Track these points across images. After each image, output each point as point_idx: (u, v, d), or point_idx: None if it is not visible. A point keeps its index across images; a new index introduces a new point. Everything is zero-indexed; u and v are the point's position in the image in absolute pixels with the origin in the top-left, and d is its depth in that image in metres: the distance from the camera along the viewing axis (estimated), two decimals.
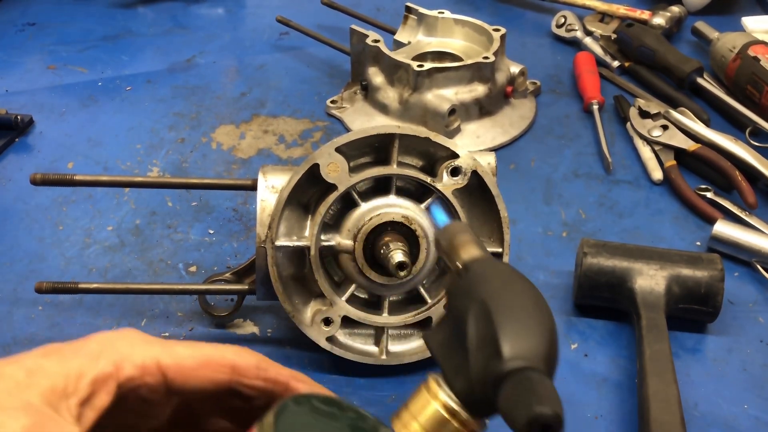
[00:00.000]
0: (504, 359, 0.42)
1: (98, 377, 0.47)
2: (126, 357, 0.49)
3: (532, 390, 0.41)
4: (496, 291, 0.45)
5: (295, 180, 0.75)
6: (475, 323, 0.44)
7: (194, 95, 1.26)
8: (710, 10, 1.43)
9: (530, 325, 0.43)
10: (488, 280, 0.46)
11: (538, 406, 0.40)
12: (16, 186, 1.07)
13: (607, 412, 0.78)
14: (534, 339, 0.43)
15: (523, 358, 0.42)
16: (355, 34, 1.18)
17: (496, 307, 0.43)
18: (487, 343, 0.43)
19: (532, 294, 0.46)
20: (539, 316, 0.44)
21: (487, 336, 0.43)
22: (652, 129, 1.11)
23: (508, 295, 0.45)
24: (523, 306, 0.44)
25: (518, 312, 0.44)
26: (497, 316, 0.43)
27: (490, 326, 0.43)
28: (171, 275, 0.93)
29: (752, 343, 0.85)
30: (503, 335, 0.42)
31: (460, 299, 0.46)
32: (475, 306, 0.44)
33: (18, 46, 1.40)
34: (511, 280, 0.46)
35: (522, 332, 0.43)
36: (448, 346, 0.46)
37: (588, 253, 0.85)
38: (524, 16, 1.49)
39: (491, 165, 0.80)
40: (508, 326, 0.42)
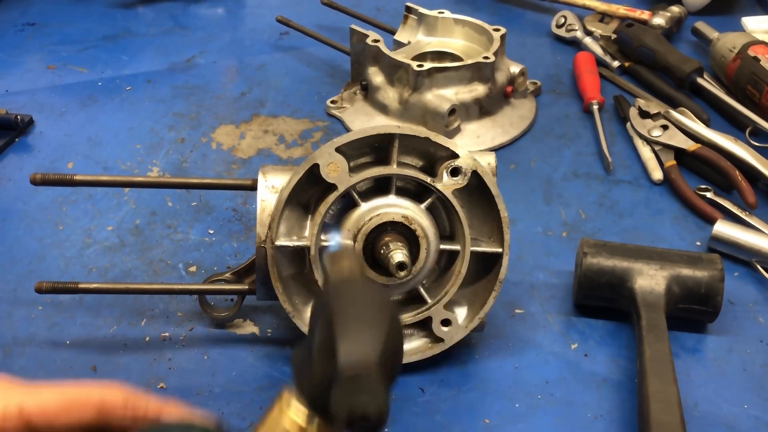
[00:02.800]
0: (339, 361, 0.45)
1: None
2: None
3: (358, 387, 0.44)
4: (343, 301, 0.49)
5: (295, 180, 0.75)
6: (319, 332, 0.48)
7: (194, 95, 1.25)
8: (710, 10, 1.43)
9: (367, 330, 0.47)
10: (339, 292, 0.50)
11: (360, 404, 0.43)
12: (16, 186, 1.07)
13: (607, 412, 0.78)
14: (369, 343, 0.46)
15: (355, 359, 0.45)
16: (355, 34, 1.18)
17: (338, 314, 0.47)
18: (328, 347, 0.46)
19: (378, 304, 0.50)
20: (378, 323, 0.48)
21: (329, 341, 0.46)
22: (652, 129, 1.11)
23: (353, 305, 0.48)
24: (363, 314, 0.48)
25: (357, 319, 0.47)
26: (337, 322, 0.46)
27: (330, 333, 0.46)
28: (171, 275, 0.93)
29: (752, 343, 0.85)
30: (340, 339, 0.46)
31: (315, 314, 0.50)
32: (323, 315, 0.48)
33: (18, 46, 1.39)
34: (360, 292, 0.51)
35: (358, 337, 0.46)
36: (302, 356, 0.49)
37: (588, 253, 0.85)
38: (524, 16, 1.49)
39: (491, 165, 0.80)
40: (345, 331, 0.46)
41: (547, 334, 0.86)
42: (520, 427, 0.76)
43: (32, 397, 0.51)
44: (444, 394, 0.80)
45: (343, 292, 0.50)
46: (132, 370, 0.82)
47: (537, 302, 0.90)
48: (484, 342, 0.85)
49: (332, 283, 0.52)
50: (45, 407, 0.51)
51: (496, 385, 0.80)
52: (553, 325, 0.87)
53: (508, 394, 0.80)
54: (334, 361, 0.45)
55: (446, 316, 0.80)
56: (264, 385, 0.80)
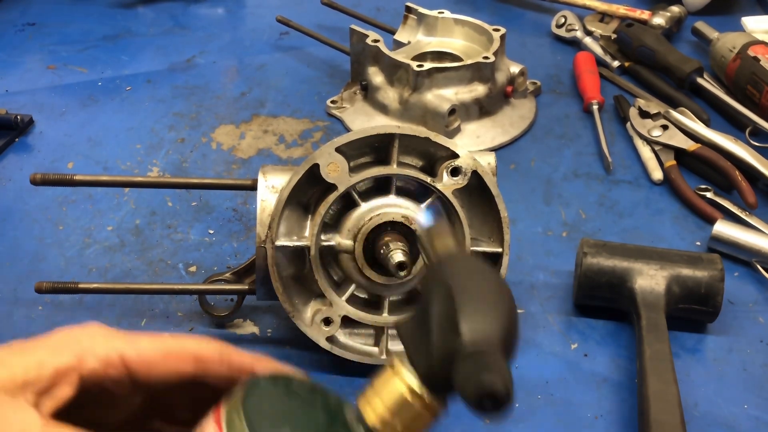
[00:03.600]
0: (462, 337, 0.44)
1: (59, 369, 0.49)
2: (88, 350, 0.50)
3: (485, 366, 0.43)
4: (461, 277, 0.48)
5: (295, 180, 0.75)
6: (438, 305, 0.47)
7: (194, 95, 1.26)
8: (710, 10, 1.43)
9: (489, 307, 0.46)
10: (455, 268, 0.49)
11: (489, 381, 0.42)
12: (16, 186, 1.07)
13: (607, 412, 0.78)
14: (492, 320, 0.45)
15: (480, 336, 0.44)
16: (355, 34, 1.18)
17: (459, 290, 0.46)
18: (448, 323, 0.45)
19: (495, 282, 0.49)
20: (499, 301, 0.47)
21: (449, 316, 0.45)
22: (652, 129, 1.11)
23: (472, 281, 0.47)
24: (484, 291, 0.47)
25: (479, 296, 0.46)
26: (459, 298, 0.45)
27: (452, 307, 0.45)
28: (171, 275, 0.93)
29: (752, 343, 0.85)
30: (463, 315, 0.45)
31: (429, 286, 0.49)
32: (440, 290, 0.47)
33: (18, 46, 1.40)
34: (476, 269, 0.49)
35: (481, 313, 0.45)
36: (415, 330, 0.48)
37: (588, 253, 0.85)
38: (524, 16, 1.49)
39: (491, 165, 0.80)
40: (468, 307, 0.45)
41: (547, 334, 0.86)
42: (520, 427, 0.76)
43: (132, 345, 0.52)
44: None
45: (458, 267, 0.49)
46: None
47: (537, 302, 0.90)
48: None
49: (445, 257, 0.51)
50: (145, 355, 0.52)
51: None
52: (553, 325, 0.87)
53: None
54: (456, 336, 0.44)
55: None
56: None
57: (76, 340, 0.51)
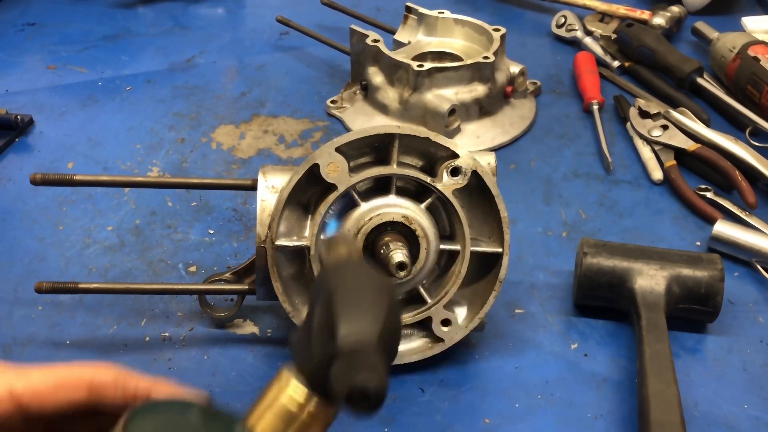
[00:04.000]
0: (338, 339, 0.46)
1: None
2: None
3: (358, 365, 0.44)
4: (342, 283, 0.49)
5: (295, 180, 0.75)
6: (319, 311, 0.48)
7: (194, 95, 1.26)
8: (710, 10, 1.43)
9: (367, 311, 0.48)
10: (339, 275, 0.51)
11: (360, 379, 0.43)
12: (16, 186, 1.07)
13: (607, 412, 0.78)
14: (368, 323, 0.47)
15: (355, 338, 0.46)
16: (355, 34, 1.18)
17: (338, 296, 0.48)
18: (327, 328, 0.47)
19: (376, 286, 0.50)
20: (378, 303, 0.48)
21: (328, 321, 0.47)
22: (652, 129, 1.11)
23: (352, 286, 0.49)
24: (362, 295, 0.49)
25: (356, 300, 0.48)
26: (336, 303, 0.47)
27: (330, 312, 0.47)
28: (171, 275, 0.93)
29: (752, 343, 0.85)
30: (339, 319, 0.46)
31: (314, 294, 0.51)
32: (322, 297, 0.49)
33: (18, 46, 1.40)
34: (359, 274, 0.51)
35: (357, 316, 0.47)
36: (302, 338, 0.50)
37: (588, 253, 0.85)
38: (524, 16, 1.49)
39: (491, 165, 0.80)
40: (344, 311, 0.47)
41: (547, 334, 0.86)
42: (520, 427, 0.76)
43: (22, 378, 0.51)
44: (444, 394, 0.80)
45: (342, 274, 0.51)
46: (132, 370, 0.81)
47: (537, 302, 0.90)
48: (484, 342, 0.85)
49: (330, 265, 0.53)
50: (35, 388, 0.51)
51: (496, 385, 0.80)
52: (553, 325, 0.87)
53: (508, 394, 0.80)
54: (333, 339, 0.46)
55: (446, 316, 0.80)
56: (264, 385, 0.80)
57: None
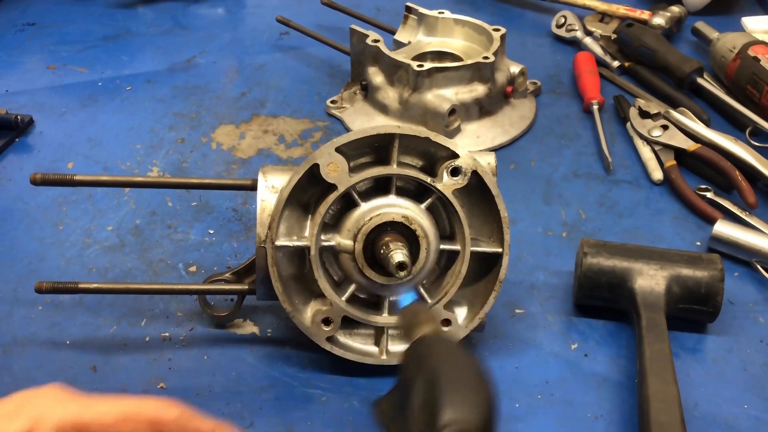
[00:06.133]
0: (441, 423, 0.45)
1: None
2: (43, 416, 0.51)
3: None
4: (443, 363, 0.49)
5: (295, 180, 0.75)
6: (420, 390, 0.48)
7: (194, 95, 1.25)
8: (710, 10, 1.43)
9: (470, 396, 0.47)
10: (438, 353, 0.50)
11: None
12: (16, 186, 1.07)
13: (607, 412, 0.78)
14: (471, 409, 0.47)
15: (459, 424, 0.45)
16: (355, 34, 1.18)
17: (441, 377, 0.47)
18: (430, 409, 0.46)
19: (476, 369, 0.50)
20: (479, 390, 0.48)
21: (429, 403, 0.46)
22: (652, 129, 1.11)
23: (453, 368, 0.49)
24: (465, 379, 0.49)
25: (460, 384, 0.48)
26: (440, 386, 0.47)
27: (433, 394, 0.47)
28: (171, 275, 0.93)
29: (752, 343, 0.85)
30: (443, 403, 0.46)
31: (410, 369, 0.50)
32: (422, 375, 0.48)
33: (18, 46, 1.39)
34: (458, 355, 0.51)
35: (461, 402, 0.47)
36: (394, 412, 0.50)
37: (588, 253, 0.85)
38: (524, 16, 1.49)
39: (491, 165, 0.80)
40: (448, 395, 0.46)
41: (547, 334, 0.86)
42: (520, 427, 0.76)
43: (89, 408, 0.53)
44: None
45: (442, 353, 0.51)
46: (132, 370, 0.82)
47: (537, 302, 0.90)
48: (484, 342, 0.85)
49: (428, 340, 0.52)
50: (102, 420, 0.53)
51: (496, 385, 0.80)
52: (553, 325, 0.87)
53: (508, 394, 0.80)
54: (436, 422, 0.45)
55: (446, 316, 0.80)
56: (264, 385, 0.80)
57: (32, 405, 0.51)
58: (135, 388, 0.80)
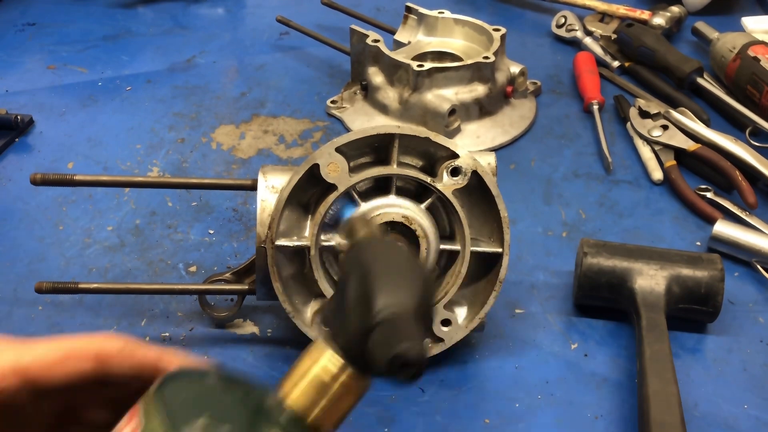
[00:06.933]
0: (375, 310, 0.46)
1: None
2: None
3: (395, 333, 0.44)
4: (375, 258, 0.50)
5: (295, 180, 0.75)
6: (354, 284, 0.49)
7: (194, 95, 1.25)
8: (710, 10, 1.43)
9: (401, 281, 0.48)
10: (370, 250, 0.51)
11: (401, 348, 0.43)
12: (16, 186, 1.07)
13: (607, 412, 0.78)
14: (404, 293, 0.47)
15: (392, 307, 0.46)
16: (355, 34, 1.18)
17: (374, 269, 0.48)
18: (363, 299, 0.47)
19: (407, 259, 0.51)
20: (411, 274, 0.49)
21: (364, 293, 0.47)
22: (652, 129, 1.11)
23: (385, 260, 0.50)
24: (396, 268, 0.49)
25: (390, 271, 0.49)
26: (372, 277, 0.48)
27: (366, 286, 0.47)
28: (171, 275, 0.93)
29: (752, 343, 0.85)
30: (375, 291, 0.47)
31: (347, 267, 0.51)
32: (356, 270, 0.49)
33: (18, 46, 1.39)
34: (388, 248, 0.53)
35: (392, 287, 0.47)
36: (335, 311, 0.50)
37: (588, 253, 0.85)
38: (524, 16, 1.49)
39: (491, 165, 0.80)
40: (380, 282, 0.47)
41: (547, 334, 0.86)
42: (520, 427, 0.76)
43: (27, 351, 0.51)
44: (444, 394, 0.80)
45: (375, 249, 0.52)
46: None
47: (537, 302, 0.90)
48: (484, 342, 0.85)
49: (363, 241, 0.53)
50: (42, 360, 0.51)
51: (496, 385, 0.80)
52: (553, 325, 0.87)
53: (508, 394, 0.80)
54: (371, 310, 0.46)
55: (446, 316, 0.80)
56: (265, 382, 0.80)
57: None
58: None
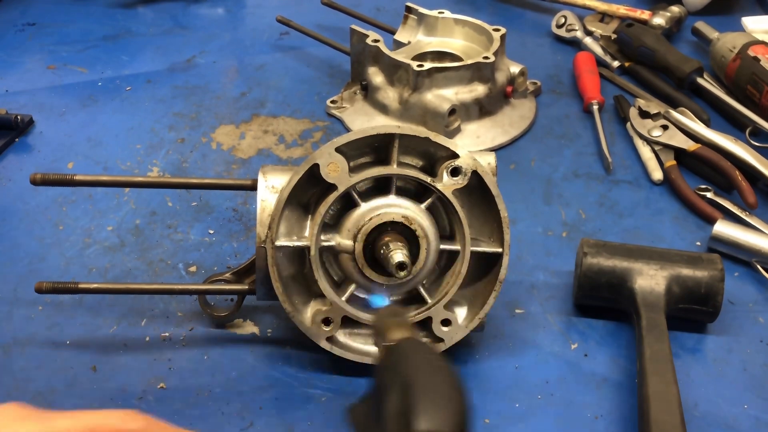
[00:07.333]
0: (416, 429, 0.45)
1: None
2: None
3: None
4: (417, 370, 0.49)
5: (295, 180, 0.75)
6: (394, 397, 0.48)
7: (194, 95, 1.25)
8: (710, 10, 1.43)
9: (444, 404, 0.47)
10: (411, 359, 0.50)
11: None
12: (16, 186, 1.07)
13: (607, 412, 0.78)
14: (445, 417, 0.46)
15: (432, 430, 0.45)
16: (355, 34, 1.18)
17: (415, 384, 0.48)
18: (403, 417, 0.46)
19: (450, 376, 0.50)
20: (454, 398, 0.48)
21: (404, 410, 0.47)
22: (652, 129, 1.11)
23: (428, 375, 0.49)
24: (439, 386, 0.49)
25: (434, 391, 0.48)
26: (415, 393, 0.47)
27: (408, 402, 0.47)
28: (171, 275, 0.93)
29: (752, 343, 0.85)
30: (418, 411, 0.46)
31: (384, 374, 0.51)
32: (397, 382, 0.49)
33: (18, 46, 1.39)
34: (431, 361, 0.51)
35: (435, 410, 0.47)
36: (368, 417, 0.50)
37: (588, 253, 0.85)
38: (524, 16, 1.49)
39: (491, 165, 0.80)
40: (423, 402, 0.47)
41: (547, 334, 0.86)
42: (520, 427, 0.76)
43: (50, 425, 0.51)
44: None
45: (416, 359, 0.51)
46: (132, 370, 0.82)
47: (537, 302, 0.90)
48: (484, 342, 0.85)
49: (402, 345, 0.53)
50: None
51: (496, 385, 0.80)
52: (553, 325, 0.87)
53: (508, 394, 0.80)
54: (410, 428, 0.46)
55: (446, 316, 0.80)
56: (264, 385, 0.80)
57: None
58: (135, 388, 0.80)
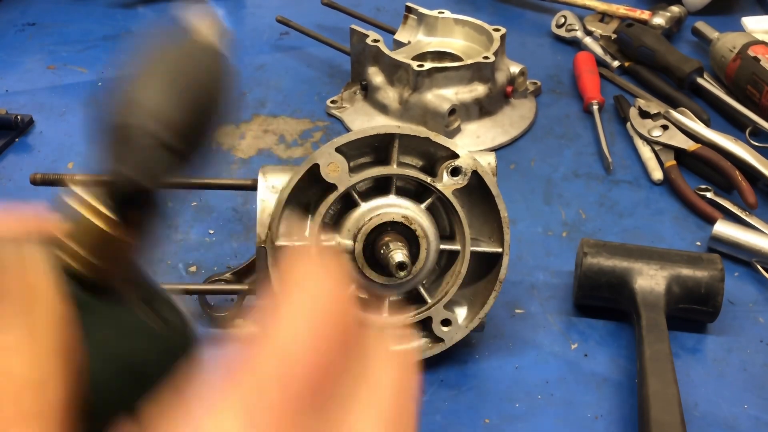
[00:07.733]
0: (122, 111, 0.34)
1: None
2: None
3: (126, 148, 0.34)
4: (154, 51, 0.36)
5: (295, 180, 0.75)
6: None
7: None
8: (710, 10, 1.43)
9: (162, 85, 0.35)
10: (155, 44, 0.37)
11: (116, 166, 0.34)
12: (16, 186, 1.07)
13: (607, 412, 0.78)
14: (159, 97, 0.35)
15: (138, 113, 0.34)
16: (355, 34, 1.18)
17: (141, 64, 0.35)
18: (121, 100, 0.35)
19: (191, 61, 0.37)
20: (181, 79, 0.36)
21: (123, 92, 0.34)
22: (652, 129, 1.11)
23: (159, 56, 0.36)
24: (167, 68, 0.36)
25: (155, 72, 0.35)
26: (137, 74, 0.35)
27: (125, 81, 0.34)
28: (171, 275, 0.93)
29: (752, 343, 0.85)
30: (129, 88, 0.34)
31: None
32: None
33: (18, 46, 1.39)
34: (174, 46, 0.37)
35: (149, 89, 0.35)
36: None
37: (588, 253, 0.85)
38: (524, 16, 1.49)
39: (491, 165, 0.80)
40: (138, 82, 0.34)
41: (547, 334, 0.86)
42: (520, 427, 0.76)
43: None
44: (444, 394, 0.80)
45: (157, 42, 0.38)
46: None
47: (537, 302, 0.90)
48: (484, 342, 0.85)
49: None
50: None
51: (496, 385, 0.80)
52: (553, 325, 0.87)
53: (508, 394, 0.80)
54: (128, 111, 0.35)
55: (446, 316, 0.80)
56: None
57: None
58: None
